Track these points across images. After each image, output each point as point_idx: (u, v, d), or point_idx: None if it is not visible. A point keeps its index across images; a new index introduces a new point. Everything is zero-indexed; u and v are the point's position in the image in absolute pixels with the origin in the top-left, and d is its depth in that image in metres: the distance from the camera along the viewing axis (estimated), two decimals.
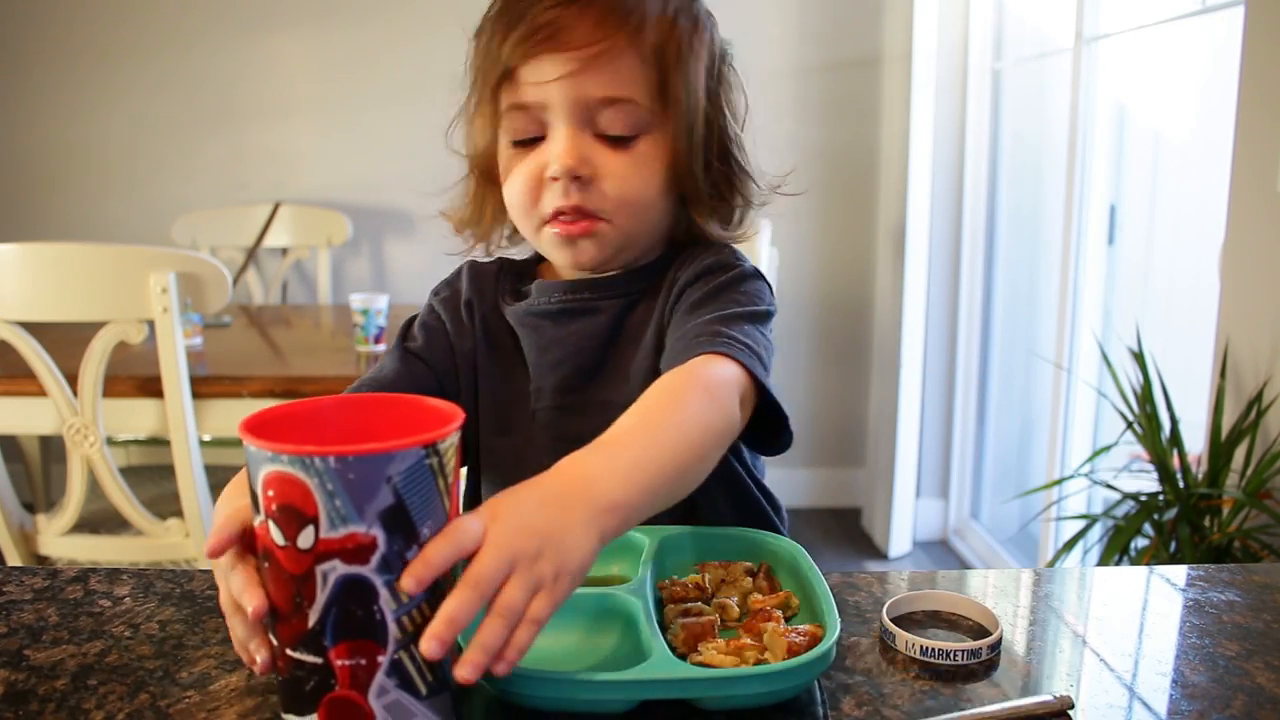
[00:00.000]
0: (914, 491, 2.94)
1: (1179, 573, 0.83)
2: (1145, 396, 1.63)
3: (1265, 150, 1.51)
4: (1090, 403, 2.35)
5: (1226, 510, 1.50)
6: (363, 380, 0.86)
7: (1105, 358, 1.84)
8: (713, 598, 0.71)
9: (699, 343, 0.74)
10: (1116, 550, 1.60)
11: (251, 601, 0.51)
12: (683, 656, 0.61)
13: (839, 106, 3.05)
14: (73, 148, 3.02)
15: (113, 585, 0.76)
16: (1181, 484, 1.57)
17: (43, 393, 1.60)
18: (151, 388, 1.64)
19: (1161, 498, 1.59)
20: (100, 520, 1.77)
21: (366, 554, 0.49)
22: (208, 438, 1.88)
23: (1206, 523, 1.52)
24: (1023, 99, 2.76)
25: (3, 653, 0.66)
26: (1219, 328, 1.63)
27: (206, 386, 1.68)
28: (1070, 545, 1.81)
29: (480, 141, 0.84)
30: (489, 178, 0.85)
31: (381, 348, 1.95)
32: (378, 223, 3.06)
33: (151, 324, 1.57)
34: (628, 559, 0.75)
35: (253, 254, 2.87)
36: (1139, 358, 1.66)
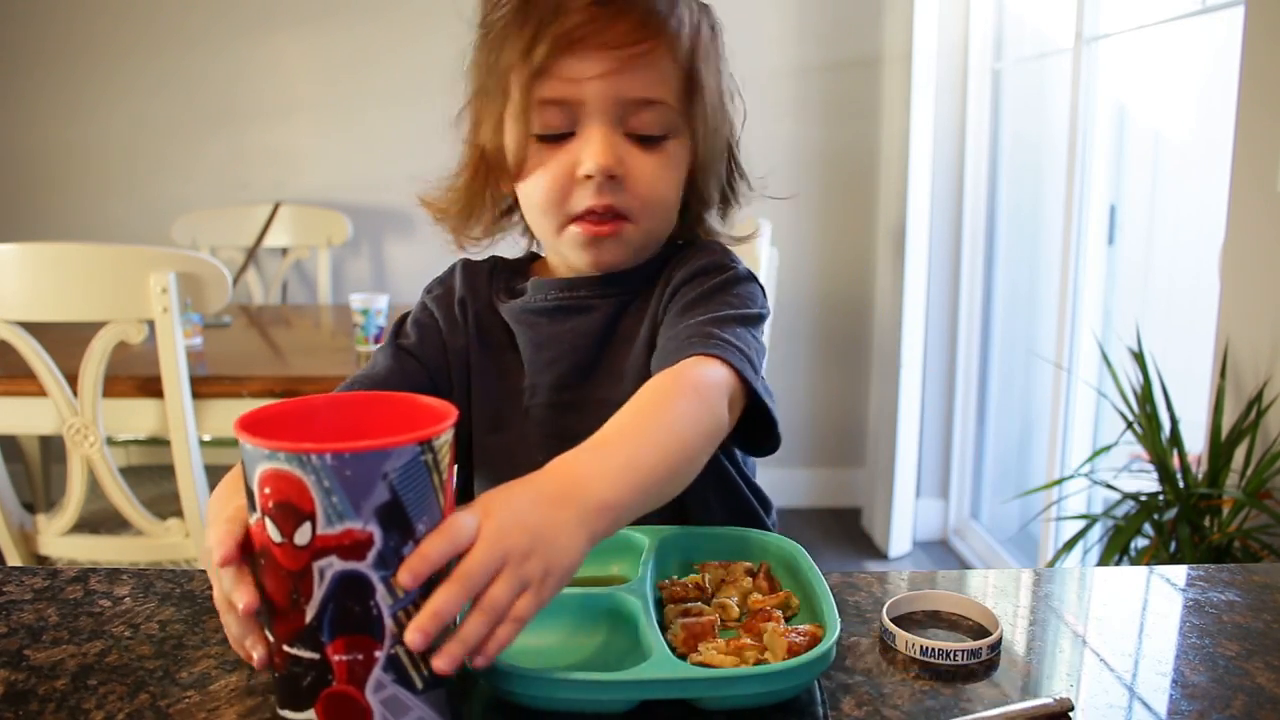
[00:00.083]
0: (914, 491, 2.94)
1: (1179, 573, 0.83)
2: (1145, 396, 1.63)
3: (1265, 150, 1.51)
4: (1090, 403, 2.35)
5: (1226, 510, 1.50)
6: (355, 377, 0.86)
7: (1105, 358, 1.84)
8: (713, 598, 0.71)
9: (691, 344, 0.74)
10: (1116, 550, 1.60)
11: (242, 599, 0.51)
12: (683, 656, 0.62)
13: (839, 106, 3.05)
14: (73, 148, 3.02)
15: (113, 585, 0.76)
16: (1181, 484, 1.57)
17: (43, 393, 1.60)
18: (151, 388, 1.64)
19: (1161, 498, 1.59)
20: (100, 520, 1.77)
21: (363, 550, 0.49)
22: (208, 438, 1.88)
23: (1206, 523, 1.52)
24: (1023, 99, 2.76)
25: (3, 653, 0.66)
26: (1219, 328, 1.63)
27: (206, 386, 1.68)
28: (1070, 545, 1.81)
29: (497, 135, 0.82)
30: (496, 172, 0.84)
31: None
32: (378, 223, 3.06)
33: (151, 324, 1.57)
34: (628, 559, 0.75)
35: (253, 254, 2.87)
36: (1139, 358, 1.66)
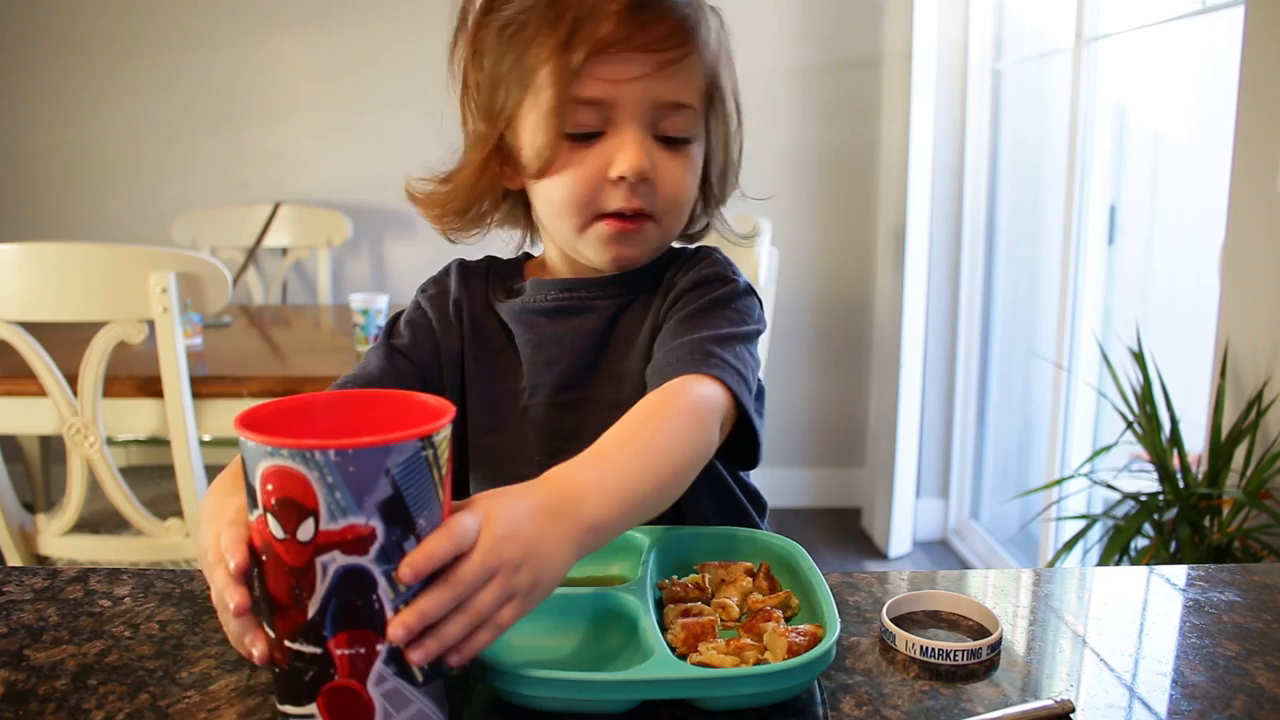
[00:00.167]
0: (914, 491, 2.94)
1: (1179, 573, 0.83)
2: (1145, 396, 1.63)
3: (1265, 150, 1.51)
4: (1090, 403, 2.35)
5: (1226, 510, 1.50)
6: (348, 377, 0.86)
7: (1105, 358, 1.84)
8: (713, 598, 0.71)
9: (692, 361, 0.75)
10: (1116, 550, 1.60)
11: (233, 599, 0.51)
12: (683, 656, 0.62)
13: (839, 106, 3.05)
14: (73, 148, 3.02)
15: (113, 585, 0.76)
16: (1181, 484, 1.57)
17: (43, 393, 1.60)
18: (151, 388, 1.64)
19: (1161, 498, 1.59)
20: (100, 520, 1.77)
21: (366, 545, 0.49)
22: (208, 438, 1.88)
23: (1206, 523, 1.52)
24: (1023, 99, 2.76)
25: (3, 653, 0.66)
26: (1219, 328, 1.63)
27: (206, 386, 1.68)
28: (1070, 545, 1.81)
29: (514, 131, 0.81)
30: (509, 168, 0.83)
31: None
32: (378, 223, 3.06)
33: (151, 324, 1.57)
34: (628, 559, 0.75)
35: (253, 254, 2.87)
36: (1139, 358, 1.66)
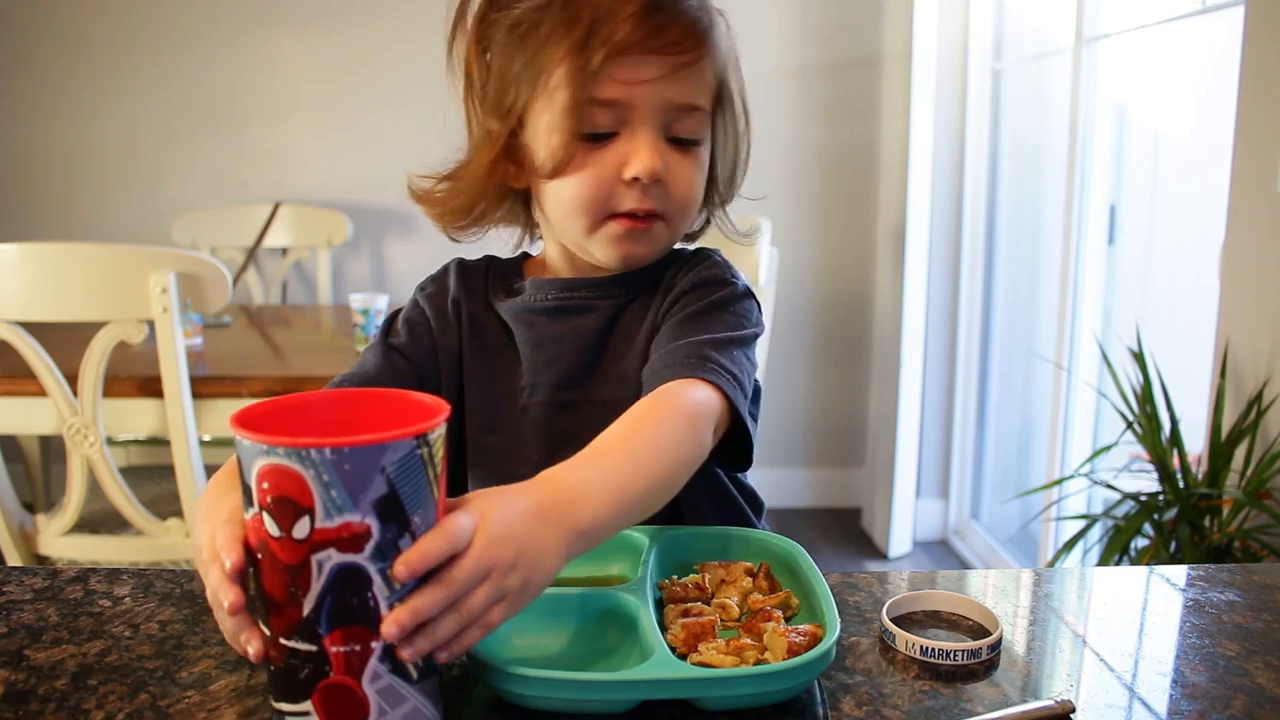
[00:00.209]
0: (914, 491, 2.94)
1: (1179, 573, 0.83)
2: (1145, 396, 1.63)
3: (1265, 150, 1.51)
4: (1090, 403, 2.35)
5: (1226, 510, 1.50)
6: (345, 375, 0.86)
7: (1105, 358, 1.84)
8: (713, 598, 0.71)
9: (688, 364, 0.75)
10: (1116, 550, 1.60)
11: (227, 597, 0.52)
12: (683, 656, 0.62)
13: (839, 106, 3.05)
14: (73, 148, 3.02)
15: (113, 585, 0.76)
16: (1181, 484, 1.57)
17: (43, 393, 1.60)
18: (151, 388, 1.64)
19: (1161, 498, 1.59)
20: (100, 520, 1.77)
21: (361, 542, 0.50)
22: (208, 438, 1.88)
23: (1206, 523, 1.52)
24: (1023, 99, 2.76)
25: (3, 653, 0.66)
26: (1219, 328, 1.63)
27: (206, 386, 1.68)
28: (1070, 545, 1.81)
29: (524, 129, 0.81)
30: (518, 166, 0.83)
31: None
32: (378, 223, 3.06)
33: (151, 324, 1.57)
34: (628, 559, 0.75)
35: (253, 254, 2.87)
36: (1139, 358, 1.66)
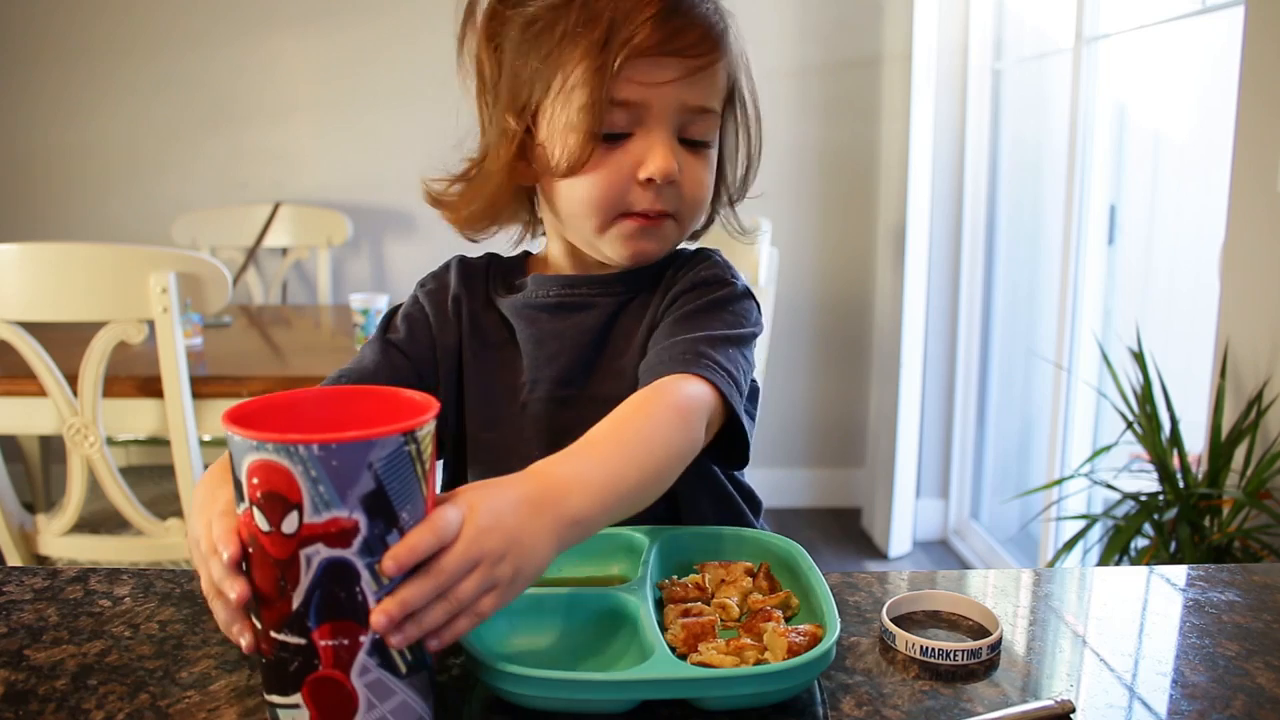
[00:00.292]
0: (914, 491, 2.94)
1: (1179, 573, 0.83)
2: (1145, 396, 1.63)
3: (1265, 150, 1.51)
4: (1090, 403, 2.35)
5: (1226, 510, 1.50)
6: (343, 370, 0.86)
7: (1105, 358, 1.84)
8: (713, 598, 0.71)
9: (684, 360, 0.76)
10: (1116, 550, 1.60)
11: (234, 589, 0.52)
12: (683, 656, 0.62)
13: (839, 106, 3.05)
14: (73, 148, 3.02)
15: (113, 585, 0.76)
16: (1181, 484, 1.57)
17: (43, 393, 1.60)
18: (151, 388, 1.64)
19: (1161, 498, 1.59)
20: (100, 520, 1.77)
21: (349, 538, 0.50)
22: (208, 438, 1.88)
23: (1206, 523, 1.52)
24: (1023, 99, 2.76)
25: (3, 653, 0.66)
26: (1219, 328, 1.63)
27: (206, 386, 1.68)
28: (1070, 545, 1.81)
29: (540, 129, 0.81)
30: (534, 166, 0.83)
31: None
32: (378, 223, 3.06)
33: (151, 324, 1.57)
34: (628, 559, 0.75)
35: (253, 254, 2.87)
36: (1139, 358, 1.66)
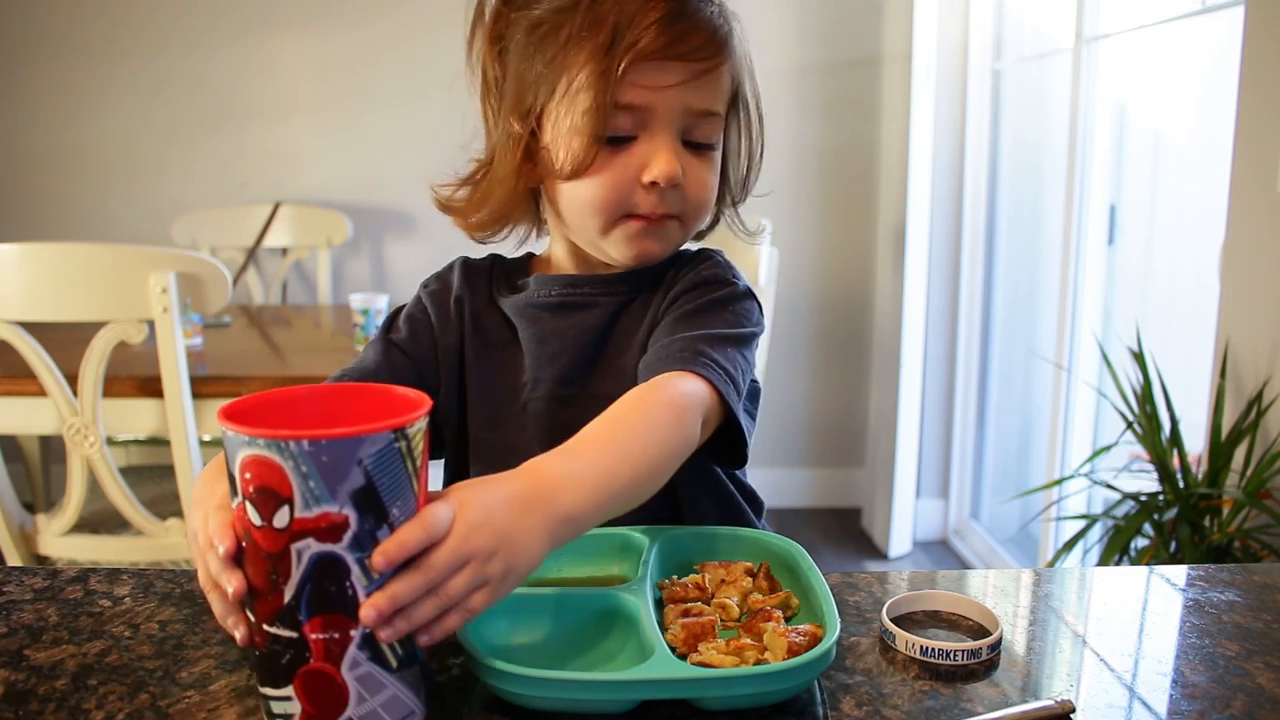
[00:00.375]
0: (914, 491, 2.94)
1: (1179, 573, 0.83)
2: (1145, 396, 1.63)
3: (1265, 150, 1.51)
4: (1090, 403, 2.35)
5: (1226, 510, 1.50)
6: (345, 370, 0.88)
7: (1105, 358, 1.84)
8: (713, 598, 0.71)
9: (681, 358, 0.76)
10: (1116, 550, 1.60)
11: (231, 583, 0.53)
12: (683, 656, 0.62)
13: (839, 106, 3.05)
14: (73, 148, 3.02)
15: (113, 585, 0.76)
16: (1181, 484, 1.57)
17: (43, 393, 1.60)
18: (151, 388, 1.64)
19: (1161, 498, 1.59)
20: (100, 520, 1.77)
21: (339, 532, 0.51)
22: (207, 438, 1.88)
23: (1206, 523, 1.52)
24: (1023, 99, 2.76)
25: (3, 653, 0.66)
26: (1219, 328, 1.63)
27: (206, 386, 1.68)
28: (1070, 545, 1.81)
29: (544, 131, 0.81)
30: (540, 169, 0.83)
31: None
32: (378, 223, 3.06)
33: (151, 324, 1.57)
34: (628, 559, 0.75)
35: (253, 254, 2.87)
36: (1139, 358, 1.66)
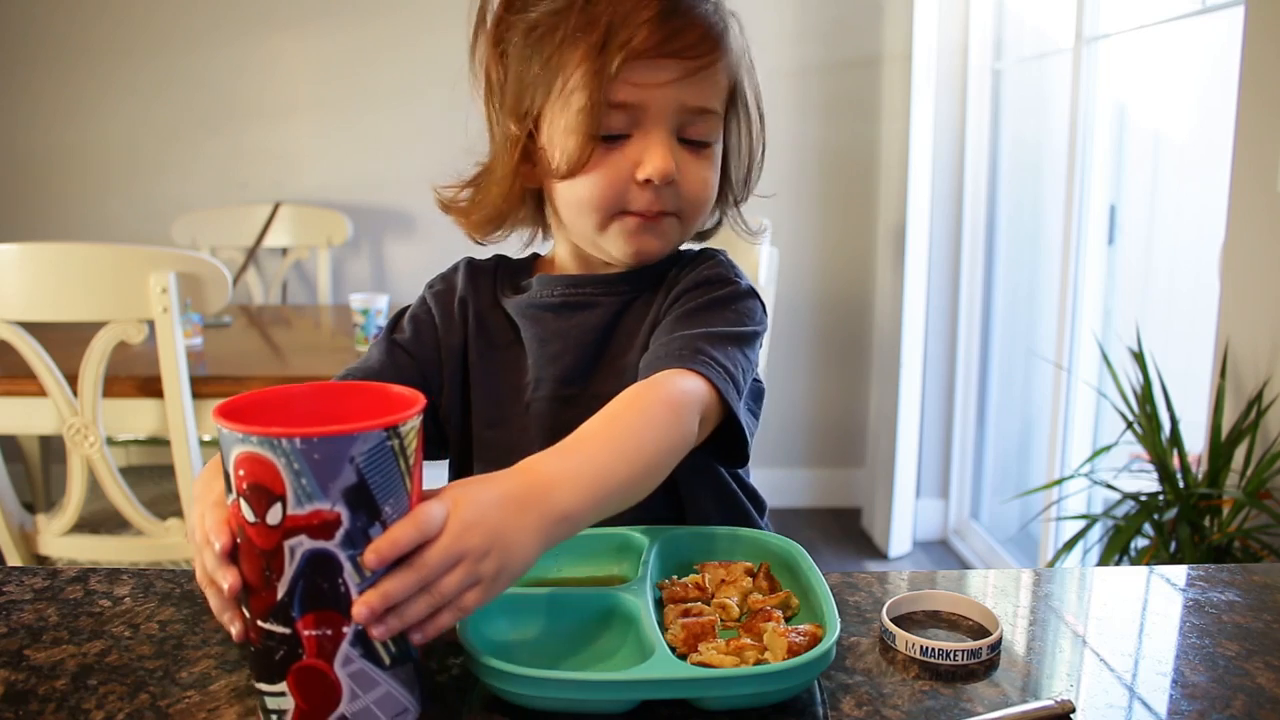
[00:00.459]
0: (914, 491, 2.94)
1: (1179, 573, 0.83)
2: (1145, 396, 1.63)
3: (1265, 150, 1.51)
4: (1090, 403, 2.35)
5: (1226, 510, 1.50)
6: (349, 370, 0.88)
7: (1105, 358, 1.84)
8: (713, 598, 0.71)
9: (681, 356, 0.76)
10: (1116, 550, 1.60)
11: (226, 579, 0.54)
12: (683, 656, 0.62)
13: (839, 106, 3.05)
14: (73, 148, 3.02)
15: (113, 585, 0.76)
16: (1181, 484, 1.57)
17: (43, 393, 1.60)
18: (151, 388, 1.64)
19: (1161, 498, 1.59)
20: (100, 520, 1.77)
21: (331, 530, 0.51)
22: (207, 438, 1.88)
23: (1206, 523, 1.52)
24: (1023, 99, 2.76)
25: (3, 653, 0.66)
26: (1219, 328, 1.63)
27: (206, 386, 1.68)
28: (1070, 545, 1.81)
29: (540, 132, 0.82)
30: (538, 169, 0.83)
31: None
32: (378, 223, 3.06)
33: (151, 324, 1.57)
34: (628, 559, 0.75)
35: (253, 254, 2.87)
36: (1139, 358, 1.66)
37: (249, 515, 0.52)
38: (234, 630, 0.56)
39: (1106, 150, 2.25)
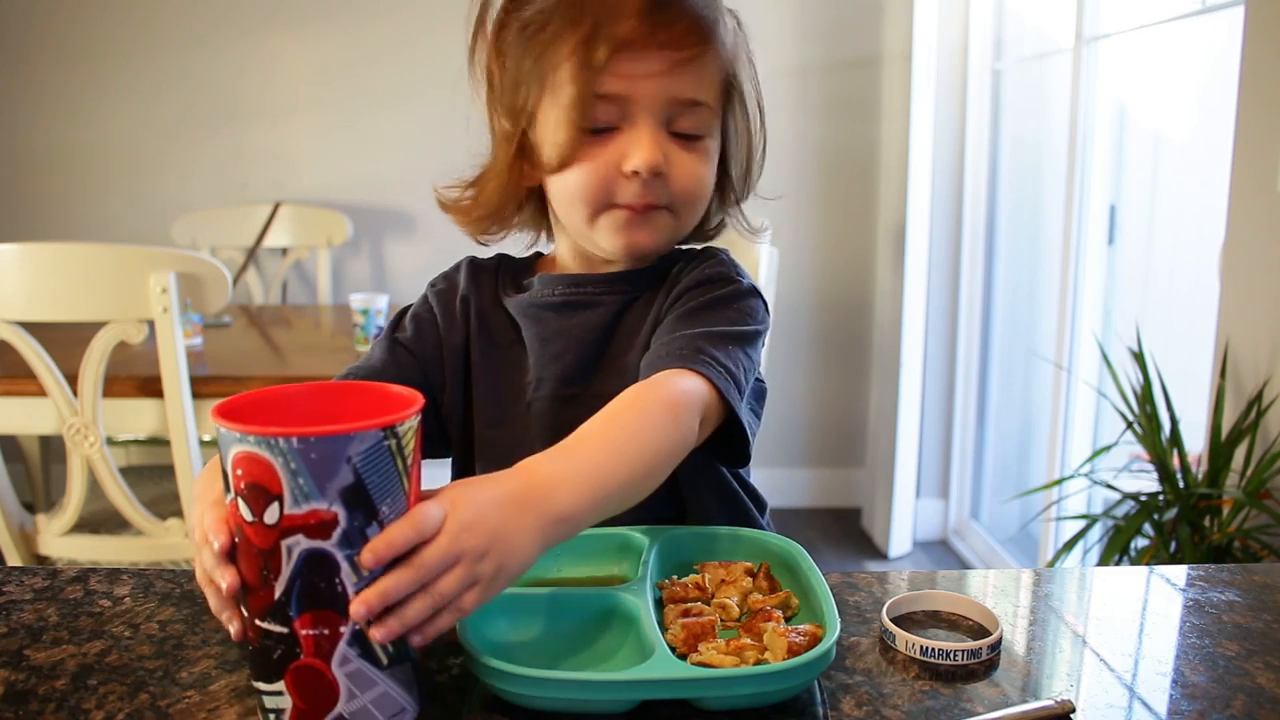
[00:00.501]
0: (914, 491, 2.94)
1: (1179, 573, 0.83)
2: (1145, 396, 1.63)
3: (1265, 150, 1.51)
4: (1090, 403, 2.35)
5: (1226, 510, 1.50)
6: (351, 369, 0.88)
7: (1105, 358, 1.84)
8: (713, 598, 0.71)
9: (682, 356, 0.76)
10: (1116, 550, 1.60)
11: (224, 579, 0.54)
12: (683, 656, 0.62)
13: (839, 106, 3.05)
14: (73, 148, 3.02)
15: (113, 585, 0.76)
16: (1181, 484, 1.57)
17: (43, 393, 1.60)
18: (151, 388, 1.64)
19: (1161, 498, 1.59)
20: (100, 520, 1.77)
21: (328, 529, 0.51)
22: (207, 438, 1.88)
23: (1206, 523, 1.52)
24: (1023, 99, 2.76)
25: (3, 653, 0.66)
26: (1219, 328, 1.63)
27: (206, 386, 1.68)
28: (1070, 545, 1.81)
29: (533, 127, 0.82)
30: (531, 164, 0.84)
31: None
32: (378, 223, 3.06)
33: (151, 324, 1.57)
34: (628, 559, 0.75)
35: (253, 254, 2.87)
36: (1139, 358, 1.66)
37: (247, 514, 0.52)
38: (232, 629, 0.56)
39: (1106, 150, 2.25)
